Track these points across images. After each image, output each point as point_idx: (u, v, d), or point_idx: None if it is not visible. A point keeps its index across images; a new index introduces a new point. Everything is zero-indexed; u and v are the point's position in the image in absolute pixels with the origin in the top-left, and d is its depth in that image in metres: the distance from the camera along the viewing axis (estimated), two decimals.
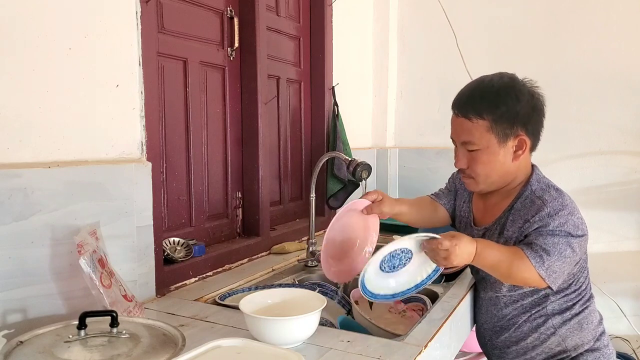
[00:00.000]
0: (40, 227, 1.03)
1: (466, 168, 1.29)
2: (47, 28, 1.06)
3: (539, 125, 1.29)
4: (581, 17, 2.33)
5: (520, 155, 1.26)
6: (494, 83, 1.26)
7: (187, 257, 1.46)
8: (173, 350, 0.87)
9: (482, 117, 1.23)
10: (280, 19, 1.97)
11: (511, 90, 1.25)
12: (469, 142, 1.26)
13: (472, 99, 1.26)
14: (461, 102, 1.28)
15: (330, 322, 1.32)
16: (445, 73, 2.59)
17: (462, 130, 1.27)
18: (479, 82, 1.29)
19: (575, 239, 1.20)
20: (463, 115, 1.26)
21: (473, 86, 1.29)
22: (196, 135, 1.59)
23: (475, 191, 1.38)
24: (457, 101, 1.29)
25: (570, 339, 1.29)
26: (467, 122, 1.25)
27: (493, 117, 1.23)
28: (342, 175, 2.10)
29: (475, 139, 1.25)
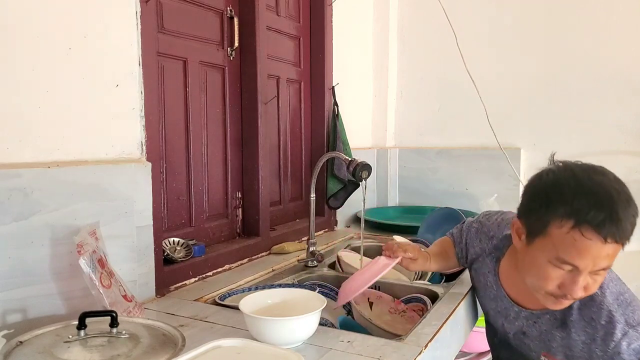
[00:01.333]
0: (40, 227, 1.03)
1: (585, 293, 1.04)
2: (47, 28, 1.06)
3: None
4: (581, 17, 2.33)
5: None
6: (629, 200, 1.00)
7: (187, 257, 1.46)
8: (173, 350, 0.87)
9: (628, 240, 1.00)
10: (280, 18, 1.97)
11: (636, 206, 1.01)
12: (606, 268, 1.01)
13: (632, 216, 0.98)
14: (619, 223, 0.96)
15: (330, 322, 1.32)
16: (445, 73, 2.59)
17: (605, 257, 0.99)
18: (624, 197, 0.99)
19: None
20: (617, 241, 0.97)
21: (622, 202, 0.98)
22: (196, 135, 1.59)
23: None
24: (612, 220, 0.95)
25: None
26: (616, 247, 0.98)
27: (629, 239, 1.00)
28: (342, 175, 2.10)
29: (613, 261, 1.01)
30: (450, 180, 2.60)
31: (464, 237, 1.39)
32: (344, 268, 1.65)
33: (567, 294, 1.03)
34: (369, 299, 1.45)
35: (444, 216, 1.93)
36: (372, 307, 1.45)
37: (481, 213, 1.44)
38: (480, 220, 1.38)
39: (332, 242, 2.03)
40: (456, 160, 2.58)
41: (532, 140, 2.44)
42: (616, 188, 0.99)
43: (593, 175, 1.00)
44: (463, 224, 1.44)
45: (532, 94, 2.43)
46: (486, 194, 2.40)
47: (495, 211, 1.41)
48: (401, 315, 1.43)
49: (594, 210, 0.95)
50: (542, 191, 1.04)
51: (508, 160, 2.36)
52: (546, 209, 1.01)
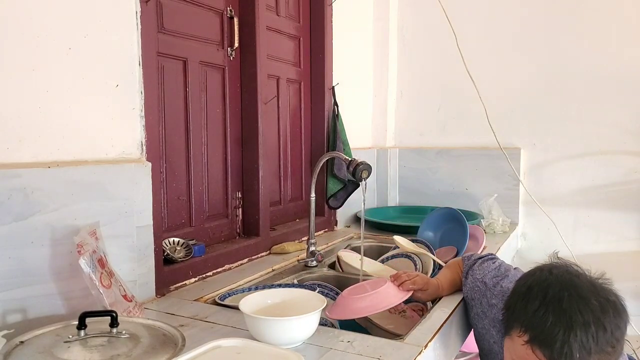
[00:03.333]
0: (40, 227, 1.03)
1: None
2: (47, 28, 1.06)
3: None
4: (581, 17, 2.33)
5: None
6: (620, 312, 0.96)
7: (187, 257, 1.46)
8: (173, 350, 0.87)
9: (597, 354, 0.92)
10: (280, 18, 1.97)
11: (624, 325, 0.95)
12: None
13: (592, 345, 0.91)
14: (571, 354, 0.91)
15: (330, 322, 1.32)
16: (445, 73, 2.59)
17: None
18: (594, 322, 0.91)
19: None
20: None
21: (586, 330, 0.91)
22: (196, 135, 1.59)
23: None
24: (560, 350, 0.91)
25: None
26: None
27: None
28: (342, 175, 2.10)
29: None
30: (450, 180, 2.60)
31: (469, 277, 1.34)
32: (344, 268, 1.65)
33: None
34: None
35: (444, 216, 1.93)
36: None
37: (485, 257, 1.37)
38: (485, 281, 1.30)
39: (332, 242, 2.03)
40: (456, 160, 2.58)
41: (532, 140, 2.44)
42: (587, 311, 0.93)
43: (564, 297, 0.95)
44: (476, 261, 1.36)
45: (532, 94, 2.43)
46: (486, 194, 2.40)
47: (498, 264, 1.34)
48: (401, 315, 1.43)
49: (549, 334, 0.92)
50: (518, 290, 1.04)
51: (508, 160, 2.36)
52: (512, 312, 1.02)
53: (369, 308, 1.20)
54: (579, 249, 1.70)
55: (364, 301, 1.20)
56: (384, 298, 1.21)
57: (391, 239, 1.76)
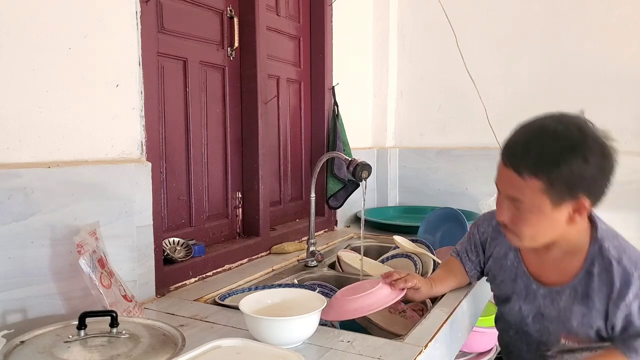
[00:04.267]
0: (40, 227, 1.03)
1: (509, 224, 1.11)
2: (47, 28, 1.06)
3: (606, 186, 1.07)
4: (581, 17, 2.33)
5: (577, 218, 1.06)
6: (558, 136, 1.01)
7: (187, 257, 1.46)
8: (173, 350, 0.87)
9: (536, 176, 1.02)
10: (280, 18, 1.97)
11: (579, 149, 1.00)
12: (516, 199, 1.07)
13: (528, 152, 1.03)
14: (514, 152, 1.06)
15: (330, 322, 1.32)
16: (445, 73, 2.59)
17: (510, 184, 1.06)
18: (540, 131, 1.04)
19: None
20: (514, 168, 1.04)
21: (532, 135, 1.05)
22: (196, 135, 1.59)
23: (518, 246, 1.20)
24: (508, 149, 1.07)
25: None
26: (518, 178, 1.04)
27: (550, 179, 1.01)
28: (342, 175, 2.10)
29: (525, 197, 1.05)
30: (450, 180, 2.59)
31: (471, 237, 1.37)
32: (344, 268, 1.65)
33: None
34: None
35: (443, 216, 1.93)
36: None
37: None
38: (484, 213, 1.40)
39: (332, 242, 2.03)
40: (456, 160, 2.58)
41: None
42: (537, 126, 1.06)
43: (536, 120, 1.08)
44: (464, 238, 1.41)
45: (532, 94, 2.43)
46: (486, 194, 2.39)
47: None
48: (401, 315, 1.43)
49: (510, 143, 1.09)
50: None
51: None
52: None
53: (362, 309, 1.18)
54: None
55: (356, 302, 1.19)
56: (378, 299, 1.20)
57: (391, 239, 1.75)
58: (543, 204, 1.04)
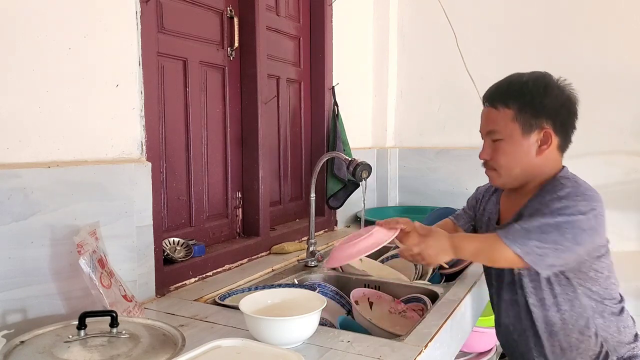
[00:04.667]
0: (40, 227, 1.03)
1: (489, 159, 1.28)
2: (47, 28, 1.06)
3: (569, 124, 1.26)
4: (581, 17, 2.33)
5: (545, 150, 1.23)
6: (524, 75, 1.28)
7: (187, 257, 1.46)
8: (173, 350, 0.87)
9: (507, 105, 1.24)
10: (280, 18, 1.97)
11: (540, 82, 1.25)
12: (493, 132, 1.26)
13: (500, 88, 1.28)
14: (489, 91, 1.30)
15: (330, 322, 1.32)
16: (445, 73, 2.58)
17: (487, 120, 1.28)
18: (510, 75, 1.31)
19: (575, 229, 1.13)
20: (490, 104, 1.28)
21: (503, 80, 1.31)
22: (196, 135, 1.59)
23: (498, 185, 1.34)
24: (486, 92, 1.31)
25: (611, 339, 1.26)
26: (493, 110, 1.26)
27: (518, 106, 1.23)
28: (342, 175, 2.10)
29: (500, 127, 1.25)
30: (450, 180, 2.59)
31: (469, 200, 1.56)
32: (344, 268, 1.65)
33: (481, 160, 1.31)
34: (369, 299, 1.45)
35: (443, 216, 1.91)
36: (372, 307, 1.45)
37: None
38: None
39: (332, 242, 2.02)
40: (456, 160, 2.57)
41: None
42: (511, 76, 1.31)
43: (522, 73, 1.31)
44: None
45: None
46: None
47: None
48: (401, 315, 1.43)
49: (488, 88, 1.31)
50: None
51: None
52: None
53: (364, 250, 1.25)
54: None
55: (357, 246, 1.25)
56: (376, 239, 1.26)
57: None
58: (515, 132, 1.23)
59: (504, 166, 1.26)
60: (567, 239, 1.13)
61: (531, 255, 1.13)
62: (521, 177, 1.27)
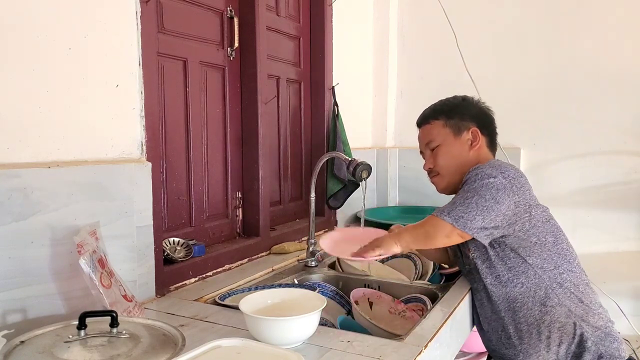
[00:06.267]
0: (40, 227, 1.03)
1: (433, 167, 1.48)
2: (47, 28, 1.06)
3: (491, 126, 1.51)
4: (581, 17, 2.33)
5: (476, 146, 1.45)
6: (447, 98, 1.54)
7: (187, 257, 1.46)
8: (173, 350, 0.87)
9: (436, 117, 1.49)
10: (280, 18, 1.97)
11: (458, 97, 1.53)
12: (430, 141, 1.48)
13: (426, 111, 1.55)
14: (420, 118, 1.55)
15: (330, 322, 1.32)
16: (445, 73, 2.58)
17: (423, 135, 1.52)
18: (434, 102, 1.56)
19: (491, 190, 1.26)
20: (423, 122, 1.53)
21: (433, 106, 1.55)
22: (196, 135, 1.59)
23: (443, 189, 1.51)
24: (417, 120, 1.56)
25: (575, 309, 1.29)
26: (427, 125, 1.50)
27: (445, 115, 1.47)
28: (342, 175, 2.10)
29: (434, 135, 1.47)
30: None
31: None
32: (344, 268, 1.65)
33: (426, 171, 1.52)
34: (369, 299, 1.45)
35: None
36: (372, 307, 1.45)
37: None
38: None
39: None
40: None
41: (532, 140, 2.44)
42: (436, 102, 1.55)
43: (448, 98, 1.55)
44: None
45: (532, 94, 2.43)
46: None
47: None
48: (401, 315, 1.43)
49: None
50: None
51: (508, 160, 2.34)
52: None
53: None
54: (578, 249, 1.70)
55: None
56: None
57: None
58: (448, 136, 1.46)
59: (445, 166, 1.46)
60: (486, 199, 1.26)
61: (460, 220, 1.25)
62: (460, 173, 1.41)
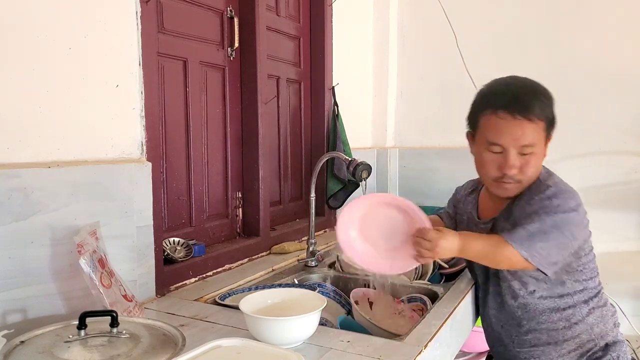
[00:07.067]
0: (40, 227, 1.03)
1: (517, 173, 1.23)
2: (47, 28, 1.06)
3: None
4: (581, 17, 2.33)
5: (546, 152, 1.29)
6: (534, 82, 1.28)
7: (187, 257, 1.46)
8: (173, 350, 0.87)
9: (541, 117, 1.21)
10: (280, 18, 1.97)
11: (549, 94, 1.27)
12: (529, 145, 1.21)
13: (535, 98, 1.22)
14: (521, 102, 1.21)
15: (330, 322, 1.32)
16: (445, 73, 2.58)
17: (522, 133, 1.20)
18: (528, 82, 1.28)
19: (571, 225, 1.19)
20: (525, 116, 1.19)
21: (526, 85, 1.26)
22: (196, 135, 1.59)
23: (508, 196, 1.30)
24: (515, 101, 1.21)
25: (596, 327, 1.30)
26: (529, 124, 1.20)
27: (548, 116, 1.24)
28: (342, 175, 2.10)
29: (535, 140, 1.21)
30: (450, 180, 2.57)
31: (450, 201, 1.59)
32: (344, 268, 1.65)
33: (505, 175, 1.24)
34: (369, 299, 1.45)
35: None
36: (372, 307, 1.45)
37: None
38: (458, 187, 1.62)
39: (332, 242, 2.02)
40: (456, 160, 2.57)
41: None
42: (523, 82, 1.28)
43: (509, 79, 1.31)
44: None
45: None
46: None
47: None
48: (401, 315, 1.43)
49: (503, 96, 1.23)
50: (476, 99, 1.34)
51: None
52: (477, 109, 1.31)
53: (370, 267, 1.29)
54: None
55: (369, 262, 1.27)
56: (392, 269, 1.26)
57: None
58: (541, 143, 1.25)
59: (531, 177, 1.25)
60: (566, 236, 1.19)
61: (537, 257, 1.16)
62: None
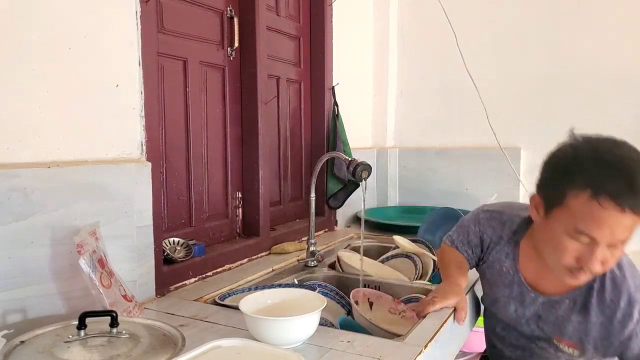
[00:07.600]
0: (40, 227, 1.03)
1: (603, 267, 1.03)
2: (47, 28, 1.06)
3: None
4: (581, 17, 2.32)
5: None
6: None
7: (187, 257, 1.46)
8: (173, 350, 0.87)
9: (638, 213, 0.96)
10: (280, 18, 1.97)
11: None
12: (624, 240, 0.99)
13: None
14: (637, 191, 0.94)
15: (330, 322, 1.32)
16: (445, 73, 2.58)
17: (624, 229, 0.97)
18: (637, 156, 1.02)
19: None
20: (637, 212, 0.95)
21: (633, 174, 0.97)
22: (196, 135, 1.59)
23: (576, 285, 1.13)
24: (629, 189, 0.94)
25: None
26: (634, 218, 0.96)
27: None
28: (342, 175, 2.10)
29: (631, 235, 0.99)
30: (450, 180, 2.59)
31: (470, 234, 1.34)
32: (344, 268, 1.65)
33: (584, 268, 1.02)
34: (369, 299, 1.45)
35: (443, 216, 1.93)
36: (372, 307, 1.45)
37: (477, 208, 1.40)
38: (485, 209, 1.36)
39: (332, 242, 2.03)
40: (456, 160, 2.58)
41: (532, 140, 2.44)
42: (635, 159, 1.00)
43: (613, 148, 1.03)
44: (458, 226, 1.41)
45: (532, 94, 2.43)
46: (486, 194, 2.39)
47: (493, 203, 1.42)
48: (401, 316, 1.43)
49: (612, 179, 0.95)
50: (561, 163, 1.05)
51: (508, 160, 2.35)
52: (564, 179, 1.01)
53: None
54: None
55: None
56: None
57: (391, 239, 1.75)
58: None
59: (607, 267, 1.04)
60: None
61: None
62: None
